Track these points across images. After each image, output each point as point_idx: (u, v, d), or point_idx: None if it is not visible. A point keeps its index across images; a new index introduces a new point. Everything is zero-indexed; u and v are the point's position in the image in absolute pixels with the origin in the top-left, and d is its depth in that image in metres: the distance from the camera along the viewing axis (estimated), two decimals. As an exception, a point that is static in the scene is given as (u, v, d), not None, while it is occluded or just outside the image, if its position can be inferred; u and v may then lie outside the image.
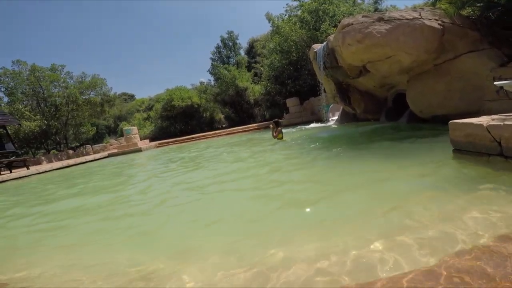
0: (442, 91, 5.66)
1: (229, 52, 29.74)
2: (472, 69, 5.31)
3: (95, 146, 20.89)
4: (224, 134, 17.90)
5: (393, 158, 3.98)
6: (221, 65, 26.04)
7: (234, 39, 29.46)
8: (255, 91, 24.09)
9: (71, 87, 21.62)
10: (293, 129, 12.45)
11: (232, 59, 29.39)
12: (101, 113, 24.22)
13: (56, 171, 12.13)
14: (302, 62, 18.16)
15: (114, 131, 36.46)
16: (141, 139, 20.90)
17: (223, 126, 26.18)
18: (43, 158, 17.79)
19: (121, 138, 21.61)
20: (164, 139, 21.76)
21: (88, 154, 19.18)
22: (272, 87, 20.50)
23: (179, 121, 25.50)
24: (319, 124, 12.55)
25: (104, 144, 22.15)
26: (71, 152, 19.27)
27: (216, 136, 17.99)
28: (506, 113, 3.34)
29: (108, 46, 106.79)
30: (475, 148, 3.02)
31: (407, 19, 5.72)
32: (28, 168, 12.60)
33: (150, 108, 34.90)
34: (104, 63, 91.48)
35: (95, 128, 27.24)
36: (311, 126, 12.32)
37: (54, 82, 21.43)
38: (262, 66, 25.21)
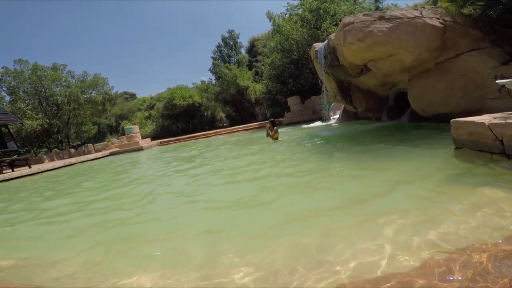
0: (444, 90, 5.65)
1: (230, 51, 29.75)
2: (473, 67, 5.31)
3: (96, 144, 20.95)
4: (225, 133, 17.92)
5: (394, 157, 3.96)
6: (222, 64, 26.04)
7: (235, 38, 29.46)
8: (256, 90, 24.09)
9: (73, 86, 21.66)
10: (294, 127, 12.45)
11: (233, 58, 29.39)
12: (102, 112, 24.26)
13: (61, 170, 12.18)
14: (303, 61, 18.13)
15: (116, 130, 36.54)
16: (142, 138, 20.94)
17: (224, 125, 26.20)
18: (45, 156, 17.84)
19: (122, 137, 21.65)
20: (165, 138, 21.80)
21: (89, 152, 19.25)
22: (273, 86, 20.48)
23: (180, 120, 25.52)
24: (321, 123, 12.54)
25: (105, 142, 22.18)
26: (73, 150, 19.33)
27: (217, 135, 18.01)
28: (508, 111, 3.33)
29: (109, 46, 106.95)
30: (477, 147, 3.02)
31: (409, 18, 5.72)
32: (30, 167, 12.65)
33: (151, 107, 34.97)
34: (106, 62, 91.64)
35: (96, 127, 27.34)
36: (312, 125, 12.32)
37: (56, 81, 21.46)
38: (263, 65, 25.20)
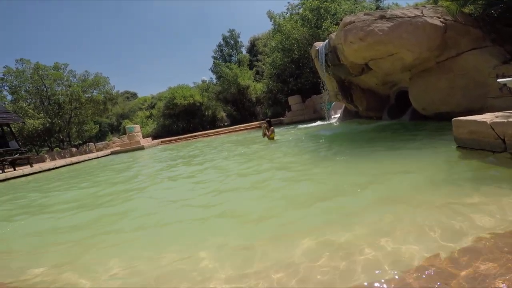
0: (445, 89, 5.65)
1: (231, 50, 29.76)
2: (474, 66, 5.30)
3: (98, 144, 21.01)
4: (226, 132, 17.95)
5: (395, 157, 3.93)
6: (223, 63, 26.06)
7: (235, 38, 29.46)
8: (257, 89, 24.10)
9: (74, 86, 21.74)
10: (295, 126, 12.46)
11: (234, 57, 29.40)
12: (104, 111, 24.36)
13: (65, 168, 12.23)
14: (304, 60, 18.13)
15: (117, 129, 36.60)
16: (143, 137, 20.98)
17: (225, 124, 26.23)
18: (46, 155, 17.92)
19: (123, 136, 21.71)
20: (166, 137, 21.85)
21: (91, 151, 19.31)
22: (274, 85, 20.49)
23: (181, 119, 25.57)
24: (321, 122, 12.54)
25: (107, 142, 22.25)
26: (74, 149, 19.40)
27: (218, 134, 18.03)
28: (509, 110, 3.34)
29: (110, 45, 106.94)
30: (479, 145, 3.02)
31: (409, 17, 5.72)
32: (31, 166, 12.71)
33: (152, 106, 35.01)
34: (107, 62, 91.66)
35: (98, 126, 27.41)
36: (313, 124, 12.32)
37: (58, 81, 21.55)
38: (263, 64, 25.19)
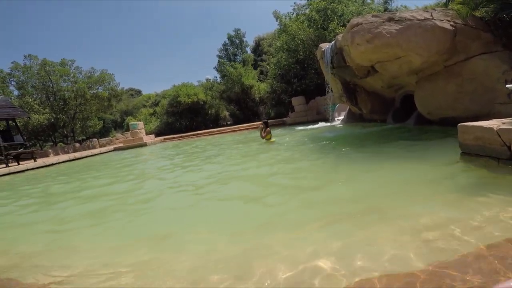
0: (452, 93, 5.58)
1: (235, 49, 29.76)
2: (484, 71, 5.22)
3: (101, 140, 21.11)
4: (229, 131, 17.94)
5: (398, 163, 3.85)
6: (227, 62, 26.05)
7: (241, 37, 29.46)
8: (261, 89, 24.06)
9: (80, 82, 21.87)
10: (297, 128, 12.40)
11: (238, 57, 29.39)
12: (108, 107, 24.49)
13: (66, 163, 12.29)
14: (309, 61, 18.04)
15: (121, 126, 36.77)
16: (146, 134, 21.06)
17: (228, 123, 26.22)
18: (50, 150, 18.03)
19: (127, 132, 21.78)
20: (169, 135, 21.90)
21: (94, 147, 19.40)
22: (278, 86, 20.43)
23: (184, 117, 25.61)
24: (325, 123, 12.47)
25: (110, 138, 22.36)
26: (77, 145, 19.52)
27: (220, 133, 18.03)
28: (517, 116, 3.28)
29: (116, 44, 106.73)
30: (485, 152, 2.95)
31: (418, 20, 5.64)
32: (35, 160, 12.79)
33: (156, 103, 35.12)
34: (112, 59, 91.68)
35: (102, 122, 27.56)
36: (316, 125, 12.25)
37: (64, 77, 21.71)
38: (268, 64, 25.13)
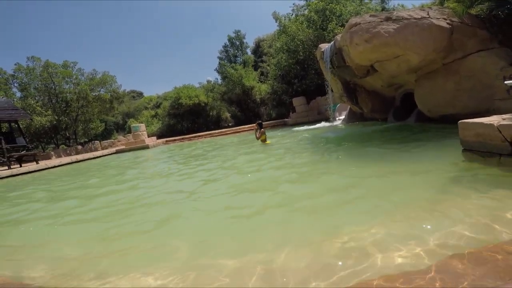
0: (451, 90, 5.61)
1: (236, 51, 29.88)
2: (481, 68, 5.26)
3: (103, 142, 21.24)
4: (230, 133, 18.00)
5: (400, 160, 3.85)
6: (228, 64, 26.18)
7: (241, 38, 29.58)
8: (262, 90, 24.15)
9: (82, 84, 22.04)
10: (299, 128, 12.44)
11: (239, 58, 29.52)
12: (110, 109, 24.66)
13: (68, 166, 12.37)
14: (309, 62, 18.12)
15: (122, 128, 36.99)
16: (148, 136, 21.14)
17: (230, 124, 26.30)
18: (52, 153, 18.16)
19: (129, 134, 21.91)
20: (171, 137, 22.00)
21: (96, 149, 19.52)
22: (279, 86, 20.51)
23: (186, 119, 25.72)
24: (325, 123, 12.50)
25: (112, 140, 22.49)
26: (79, 147, 19.64)
27: (222, 134, 18.10)
28: (515, 112, 3.30)
29: (117, 45, 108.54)
30: (486, 148, 2.96)
31: (415, 19, 5.69)
32: (37, 163, 12.86)
33: (158, 105, 35.29)
34: (114, 61, 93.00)
35: (103, 124, 27.77)
36: (317, 125, 12.29)
37: (66, 79, 21.90)
38: (268, 65, 25.24)
